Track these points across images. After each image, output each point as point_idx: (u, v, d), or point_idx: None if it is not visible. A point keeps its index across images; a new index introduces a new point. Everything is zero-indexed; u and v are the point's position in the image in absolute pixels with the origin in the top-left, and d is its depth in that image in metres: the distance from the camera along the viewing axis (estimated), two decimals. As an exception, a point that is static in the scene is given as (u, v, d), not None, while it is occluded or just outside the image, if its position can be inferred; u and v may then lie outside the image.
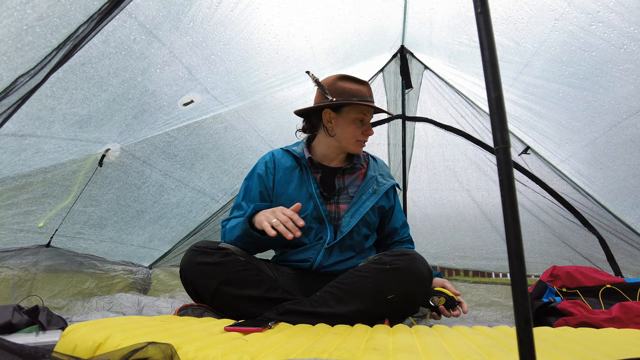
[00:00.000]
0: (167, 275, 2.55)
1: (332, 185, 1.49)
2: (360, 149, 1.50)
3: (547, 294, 1.77)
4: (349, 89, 1.43)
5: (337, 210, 1.46)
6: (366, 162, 1.59)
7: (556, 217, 2.40)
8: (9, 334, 1.08)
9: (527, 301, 0.48)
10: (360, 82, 1.47)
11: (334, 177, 1.50)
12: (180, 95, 1.69)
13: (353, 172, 1.53)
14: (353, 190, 1.50)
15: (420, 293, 1.19)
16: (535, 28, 1.54)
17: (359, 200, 1.47)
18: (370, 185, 1.51)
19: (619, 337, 0.92)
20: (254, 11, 1.50)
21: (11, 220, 1.62)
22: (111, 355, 0.60)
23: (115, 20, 1.20)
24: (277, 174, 1.49)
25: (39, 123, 1.36)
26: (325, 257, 1.41)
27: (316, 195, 1.44)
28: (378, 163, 1.62)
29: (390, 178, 1.59)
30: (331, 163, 1.53)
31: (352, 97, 1.42)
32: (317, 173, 1.50)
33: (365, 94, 1.45)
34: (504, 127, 0.53)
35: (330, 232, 1.42)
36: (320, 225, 1.44)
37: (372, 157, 1.63)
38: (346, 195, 1.49)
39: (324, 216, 1.43)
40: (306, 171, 1.48)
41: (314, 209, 1.44)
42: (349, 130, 1.45)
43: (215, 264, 1.22)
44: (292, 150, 1.52)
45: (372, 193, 1.49)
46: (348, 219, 1.44)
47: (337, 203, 1.47)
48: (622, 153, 1.77)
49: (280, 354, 0.66)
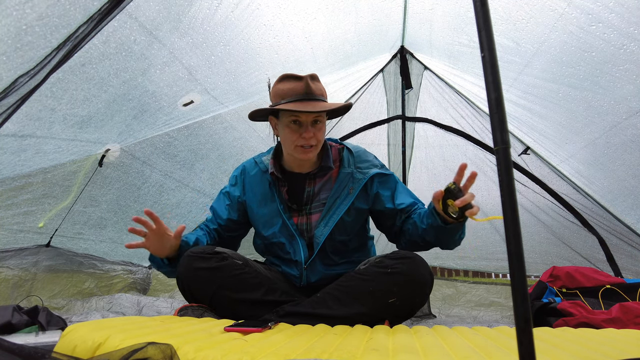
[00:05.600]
0: (167, 276, 2.55)
1: (302, 194, 1.38)
2: (304, 155, 1.30)
3: (547, 295, 1.77)
4: (282, 90, 1.29)
5: (308, 221, 1.36)
6: (339, 158, 1.42)
7: (556, 218, 2.40)
8: (8, 334, 1.08)
9: (526, 301, 0.48)
10: (294, 79, 1.29)
11: (304, 184, 1.38)
12: (181, 95, 1.69)
13: (323, 174, 1.39)
14: (325, 195, 1.37)
15: (421, 297, 1.18)
16: (535, 28, 1.54)
17: (332, 206, 1.35)
18: (345, 185, 1.37)
19: (619, 337, 0.92)
20: (254, 12, 1.51)
21: (11, 220, 1.62)
22: (111, 355, 0.59)
23: (116, 20, 1.20)
24: (247, 190, 1.43)
25: (39, 123, 1.36)
26: (309, 275, 1.35)
27: (281, 211, 1.35)
28: (355, 154, 1.43)
29: (372, 167, 1.40)
30: (301, 169, 1.39)
31: (284, 98, 1.27)
32: (283, 186, 1.38)
33: (299, 91, 1.26)
34: (504, 127, 0.53)
35: (303, 248, 1.34)
36: (293, 241, 1.36)
37: (348, 149, 1.44)
38: (318, 202, 1.37)
39: (293, 231, 1.34)
40: (274, 184, 1.39)
41: (283, 225, 1.36)
42: (287, 136, 1.30)
43: (212, 269, 1.20)
44: (260, 162, 1.44)
45: (347, 194, 1.36)
46: (322, 229, 1.33)
47: (309, 213, 1.37)
48: (622, 153, 1.77)
49: (280, 354, 0.66)
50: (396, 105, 2.61)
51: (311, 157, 1.32)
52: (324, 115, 1.33)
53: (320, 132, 1.31)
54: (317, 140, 1.30)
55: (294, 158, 1.35)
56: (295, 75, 1.30)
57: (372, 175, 1.38)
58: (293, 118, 1.27)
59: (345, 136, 2.66)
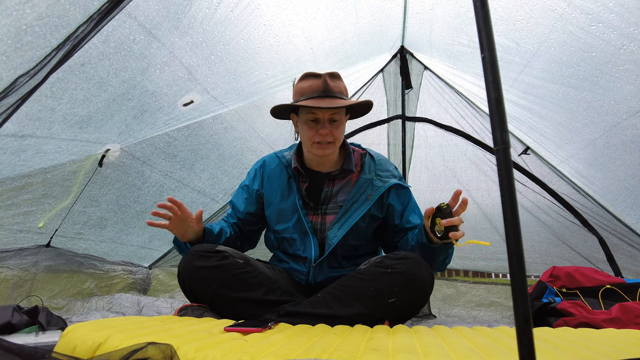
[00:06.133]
0: (167, 276, 2.55)
1: (320, 193, 1.40)
2: (320, 152, 1.33)
3: (547, 295, 1.77)
4: (301, 88, 1.33)
5: (323, 221, 1.38)
6: (361, 163, 1.44)
7: (556, 218, 2.40)
8: (8, 334, 1.08)
9: (527, 301, 0.48)
10: (314, 77, 1.33)
11: (323, 184, 1.40)
12: (180, 95, 1.69)
13: (344, 177, 1.41)
14: (343, 197, 1.38)
15: (421, 297, 1.18)
16: (535, 28, 1.54)
17: (349, 210, 1.36)
18: (363, 191, 1.37)
19: (619, 337, 0.92)
20: (254, 11, 1.50)
21: (11, 220, 1.62)
22: (111, 355, 0.59)
23: (115, 20, 1.20)
24: (265, 183, 1.45)
25: (39, 123, 1.36)
26: (316, 274, 1.37)
27: (299, 207, 1.36)
28: (376, 162, 1.44)
29: (391, 177, 1.42)
30: (321, 168, 1.42)
31: (302, 95, 1.31)
32: (304, 182, 1.40)
33: (317, 88, 1.30)
34: (504, 127, 0.53)
35: (315, 247, 1.36)
36: (305, 238, 1.38)
37: (371, 155, 1.46)
38: (335, 204, 1.38)
39: (307, 228, 1.36)
40: (294, 179, 1.41)
41: (297, 221, 1.38)
42: (304, 133, 1.34)
43: (213, 268, 1.21)
44: (282, 157, 1.46)
45: (365, 199, 1.36)
46: (335, 231, 1.34)
47: (324, 214, 1.38)
48: (622, 153, 1.77)
49: (280, 354, 0.66)
50: (396, 105, 2.61)
51: (328, 153, 1.34)
52: (342, 113, 1.35)
53: (338, 129, 1.33)
54: (334, 137, 1.32)
55: (314, 156, 1.38)
56: (315, 73, 1.34)
57: (391, 186, 1.39)
58: (310, 115, 1.31)
59: (346, 136, 2.65)
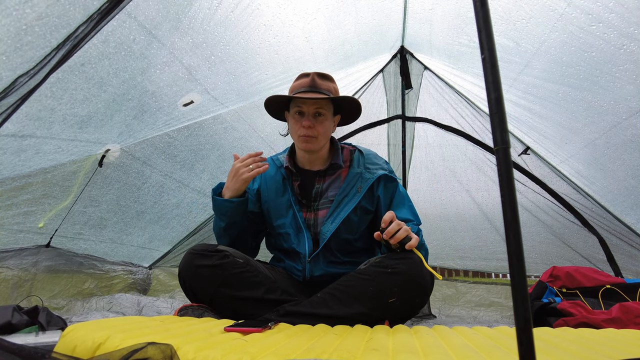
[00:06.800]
0: (167, 276, 2.55)
1: (311, 191, 1.44)
2: (304, 145, 1.37)
3: (547, 295, 1.77)
4: (293, 85, 1.41)
5: (315, 217, 1.41)
6: (350, 159, 1.47)
7: (556, 218, 2.40)
8: (8, 334, 1.07)
9: (526, 301, 0.48)
10: (304, 76, 1.40)
11: (314, 181, 1.44)
12: (180, 95, 1.69)
13: (333, 173, 1.44)
14: (333, 192, 1.42)
15: (421, 297, 1.18)
16: (535, 28, 1.54)
17: (340, 203, 1.39)
18: (353, 184, 1.41)
19: (619, 337, 0.92)
20: (254, 12, 1.51)
21: (11, 220, 1.62)
22: (111, 355, 0.59)
23: (115, 20, 1.20)
24: (262, 184, 1.50)
25: (39, 123, 1.36)
26: (312, 269, 1.38)
27: (293, 203, 1.41)
28: (365, 156, 1.47)
29: (380, 169, 1.43)
30: (312, 166, 1.46)
31: (292, 92, 1.38)
32: (296, 180, 1.45)
33: (304, 85, 1.37)
34: (504, 127, 0.53)
35: (308, 241, 1.38)
36: (299, 233, 1.40)
37: (359, 150, 1.50)
38: (326, 199, 1.42)
39: (301, 224, 1.39)
40: (287, 179, 1.45)
41: (292, 217, 1.41)
42: (291, 127, 1.41)
43: (213, 267, 1.21)
44: (275, 159, 1.51)
45: (355, 192, 1.39)
46: (328, 225, 1.37)
47: (317, 210, 1.42)
48: (622, 154, 1.77)
49: (280, 354, 0.66)
50: (396, 105, 2.61)
51: (311, 148, 1.38)
52: (328, 109, 1.38)
53: (322, 125, 1.37)
54: (317, 132, 1.36)
55: (304, 153, 1.44)
56: (307, 72, 1.41)
57: (379, 176, 1.42)
58: (297, 109, 1.37)
59: (346, 136, 2.66)
